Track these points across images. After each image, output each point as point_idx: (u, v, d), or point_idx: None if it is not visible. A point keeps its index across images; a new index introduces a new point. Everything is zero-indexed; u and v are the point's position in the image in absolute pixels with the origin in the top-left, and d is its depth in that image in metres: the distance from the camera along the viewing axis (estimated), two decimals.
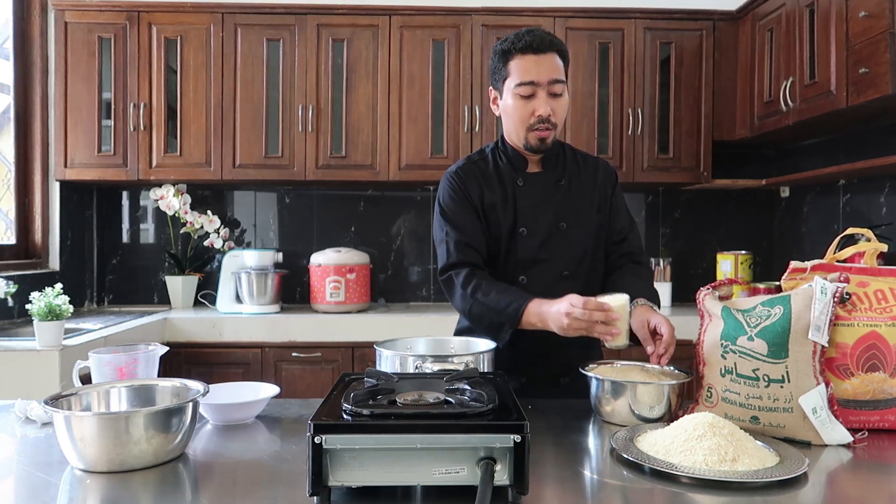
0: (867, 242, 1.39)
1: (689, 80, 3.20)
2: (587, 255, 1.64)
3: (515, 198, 1.63)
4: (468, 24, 3.12)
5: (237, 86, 3.10)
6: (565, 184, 1.65)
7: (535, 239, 1.61)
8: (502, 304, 1.49)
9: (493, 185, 1.64)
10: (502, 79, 1.59)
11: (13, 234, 3.01)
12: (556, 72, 1.54)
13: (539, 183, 1.65)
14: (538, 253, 1.61)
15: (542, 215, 1.62)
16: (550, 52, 1.54)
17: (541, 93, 1.54)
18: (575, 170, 1.68)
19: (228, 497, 0.97)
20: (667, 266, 3.33)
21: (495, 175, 1.65)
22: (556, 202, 1.63)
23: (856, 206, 2.90)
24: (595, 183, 1.68)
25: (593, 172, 1.70)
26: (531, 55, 1.54)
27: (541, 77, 1.53)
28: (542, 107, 1.54)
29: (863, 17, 2.26)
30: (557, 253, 1.61)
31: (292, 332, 2.90)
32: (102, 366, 1.35)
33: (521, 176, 1.65)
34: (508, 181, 1.64)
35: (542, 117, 1.54)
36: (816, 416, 1.18)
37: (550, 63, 1.54)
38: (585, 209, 1.65)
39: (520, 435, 0.88)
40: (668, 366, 1.41)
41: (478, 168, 1.66)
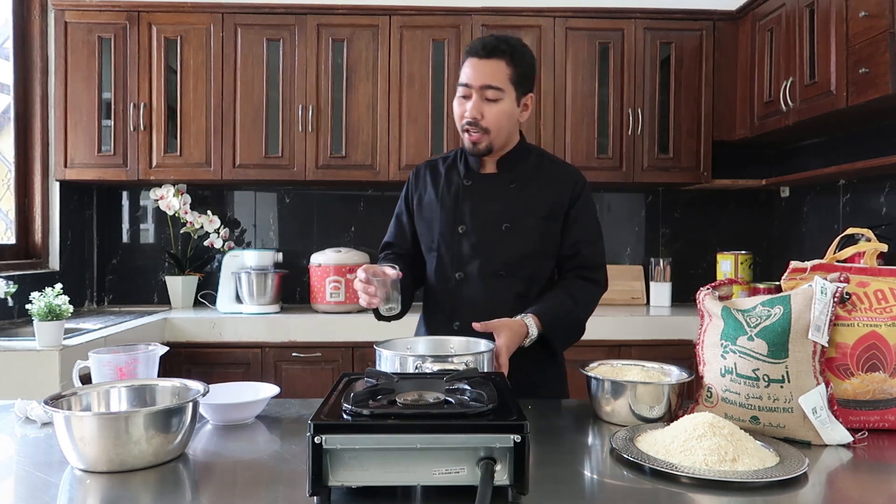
0: (867, 242, 1.39)
1: (689, 80, 3.20)
2: (528, 259, 1.64)
3: (459, 198, 1.68)
4: (468, 24, 3.12)
5: (237, 86, 3.10)
6: (516, 187, 1.67)
7: (473, 237, 1.65)
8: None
9: (439, 185, 1.71)
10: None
11: (13, 234, 3.01)
12: (492, 78, 1.56)
13: (489, 184, 1.68)
14: (474, 251, 1.64)
15: (484, 215, 1.65)
16: (495, 58, 1.56)
17: (474, 95, 1.58)
18: (534, 174, 1.69)
19: (228, 497, 0.97)
20: (667, 266, 3.33)
21: (446, 174, 1.72)
22: (503, 203, 1.65)
23: (856, 206, 2.90)
24: (553, 188, 1.67)
25: (554, 178, 1.69)
26: (474, 59, 1.58)
27: (474, 81, 1.57)
28: (470, 109, 1.58)
29: (863, 17, 2.26)
30: (494, 253, 1.63)
31: (292, 332, 2.90)
32: (102, 366, 1.35)
33: (472, 176, 1.69)
34: (457, 181, 1.70)
35: (468, 119, 1.58)
36: (816, 416, 1.18)
37: (489, 68, 1.56)
38: (535, 212, 1.65)
39: (520, 435, 0.88)
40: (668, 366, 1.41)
41: (430, 168, 1.77)
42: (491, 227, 1.64)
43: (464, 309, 1.63)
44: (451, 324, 1.64)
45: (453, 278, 1.66)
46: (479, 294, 1.63)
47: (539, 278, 1.68)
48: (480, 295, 1.63)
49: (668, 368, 1.41)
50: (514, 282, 1.64)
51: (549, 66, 3.15)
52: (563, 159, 1.85)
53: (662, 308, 3.27)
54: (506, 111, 1.59)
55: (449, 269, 1.67)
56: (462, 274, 1.65)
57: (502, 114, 1.59)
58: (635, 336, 2.93)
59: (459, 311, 1.64)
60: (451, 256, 1.66)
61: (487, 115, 1.58)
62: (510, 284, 1.63)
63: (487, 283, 1.63)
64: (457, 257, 1.66)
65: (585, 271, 1.68)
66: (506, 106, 1.59)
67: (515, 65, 1.58)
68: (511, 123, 1.63)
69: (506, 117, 1.60)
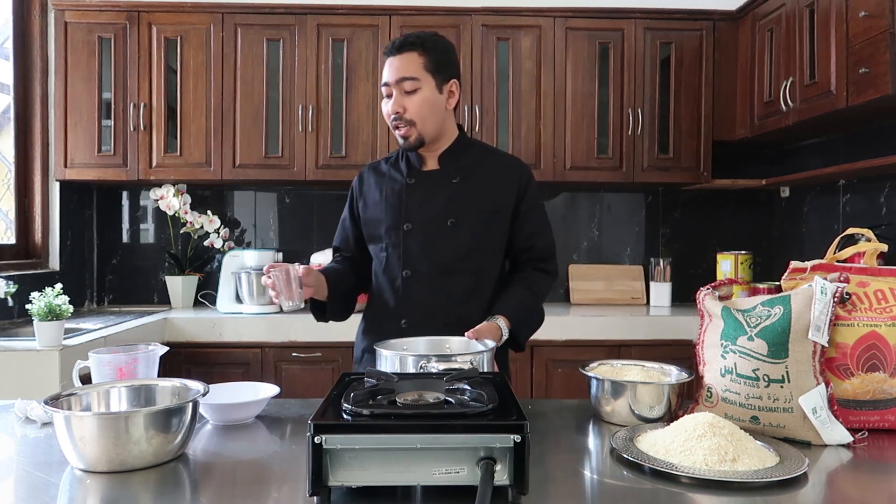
0: (867, 242, 1.39)
1: (689, 80, 3.20)
2: (476, 253, 1.65)
3: (403, 197, 1.68)
4: (468, 24, 3.12)
5: (237, 86, 3.10)
6: (459, 181, 1.67)
7: (420, 234, 1.65)
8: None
9: (382, 184, 1.72)
10: None
11: (13, 234, 3.01)
12: (405, 70, 1.60)
13: (431, 180, 1.68)
14: (422, 248, 1.65)
15: (429, 212, 1.66)
16: (405, 51, 1.61)
17: (394, 92, 1.61)
18: (477, 168, 1.70)
19: (228, 497, 0.97)
20: (667, 266, 3.33)
21: (389, 175, 1.73)
22: (447, 199, 1.66)
23: (856, 206, 2.90)
24: (498, 181, 1.69)
25: (498, 171, 1.70)
26: (389, 58, 1.63)
27: (390, 76, 1.61)
28: (390, 104, 1.61)
29: (863, 17, 2.26)
30: (442, 249, 1.64)
31: (292, 332, 2.90)
32: (102, 366, 1.35)
33: (413, 174, 1.70)
34: (400, 179, 1.71)
35: (391, 114, 1.62)
36: (816, 416, 1.18)
37: (401, 62, 1.60)
38: (480, 206, 1.66)
39: (520, 435, 0.88)
40: (668, 366, 1.41)
41: (374, 170, 1.78)
42: (436, 223, 1.65)
43: (412, 307, 1.64)
44: (399, 321, 1.64)
45: (400, 276, 1.65)
46: (427, 291, 1.63)
47: (488, 273, 1.68)
48: (428, 292, 1.63)
49: (668, 368, 1.41)
50: (462, 277, 1.64)
51: (549, 66, 3.15)
52: (507, 152, 1.86)
53: (662, 308, 3.27)
54: (427, 99, 1.61)
55: (395, 267, 1.66)
56: (409, 272, 1.65)
57: (424, 102, 1.61)
58: (635, 336, 2.93)
59: (407, 309, 1.64)
60: (399, 255, 1.66)
61: (409, 107, 1.61)
62: (458, 280, 1.64)
63: (435, 279, 1.63)
64: (404, 255, 1.66)
65: (541, 263, 1.72)
66: (426, 94, 1.61)
67: (427, 53, 1.61)
68: (437, 112, 1.64)
69: (428, 106, 1.62)
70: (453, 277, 1.64)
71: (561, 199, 3.57)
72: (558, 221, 3.56)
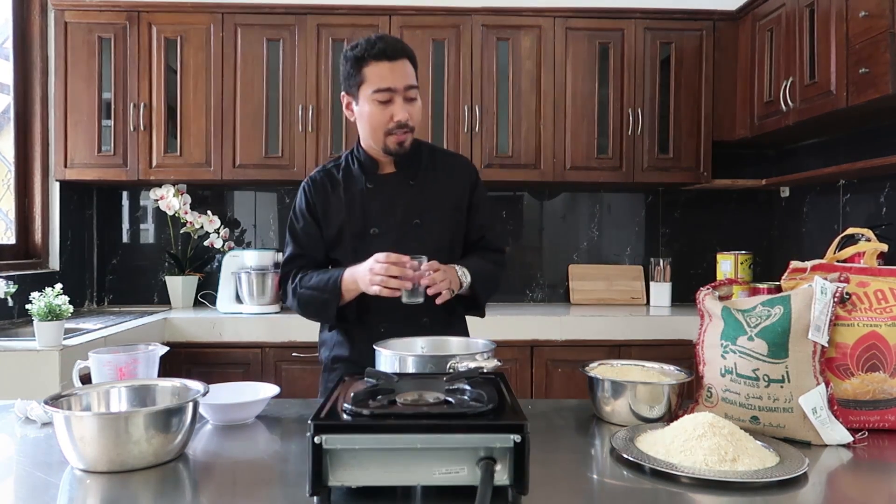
0: (867, 242, 1.39)
1: (689, 80, 3.20)
2: (443, 250, 1.67)
3: (364, 201, 1.68)
4: (468, 24, 3.12)
5: (237, 86, 3.10)
6: (417, 183, 1.69)
7: (388, 237, 1.65)
8: (322, 282, 1.62)
9: (339, 192, 1.70)
10: (357, 84, 1.62)
11: (13, 234, 3.01)
12: (410, 78, 1.60)
13: (390, 184, 1.69)
14: (391, 250, 1.62)
15: (394, 214, 1.67)
16: (402, 58, 1.59)
17: (397, 98, 1.59)
18: (430, 168, 1.72)
19: (228, 497, 0.97)
20: (667, 266, 3.33)
21: (343, 181, 1.71)
22: (408, 200, 1.67)
23: (856, 206, 2.90)
24: (452, 179, 1.73)
25: (450, 170, 1.75)
26: (385, 62, 1.57)
27: (397, 83, 1.58)
28: (399, 112, 1.59)
29: (863, 17, 2.26)
30: (412, 249, 1.62)
31: (292, 332, 2.90)
32: (102, 366, 1.35)
33: (371, 179, 1.69)
34: (357, 185, 1.70)
35: (401, 122, 1.59)
36: (816, 416, 1.18)
37: (403, 69, 1.59)
38: (440, 205, 1.69)
39: (520, 435, 0.88)
40: (668, 366, 1.41)
41: (328, 176, 1.73)
42: (402, 225, 1.66)
43: (389, 311, 1.62)
44: (377, 327, 1.63)
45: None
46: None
47: None
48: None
49: (668, 368, 1.41)
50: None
51: (549, 66, 3.15)
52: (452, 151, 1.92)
53: (662, 308, 3.27)
54: (421, 108, 1.67)
55: None
56: None
57: (420, 109, 1.66)
58: (635, 336, 2.93)
59: (384, 313, 1.64)
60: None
61: (413, 115, 1.62)
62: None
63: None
64: None
65: (491, 254, 1.76)
66: (420, 103, 1.66)
67: (414, 63, 1.63)
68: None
69: (421, 113, 1.67)
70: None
71: (561, 199, 3.57)
72: (558, 221, 3.56)
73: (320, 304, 1.63)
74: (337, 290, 1.60)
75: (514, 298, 3.52)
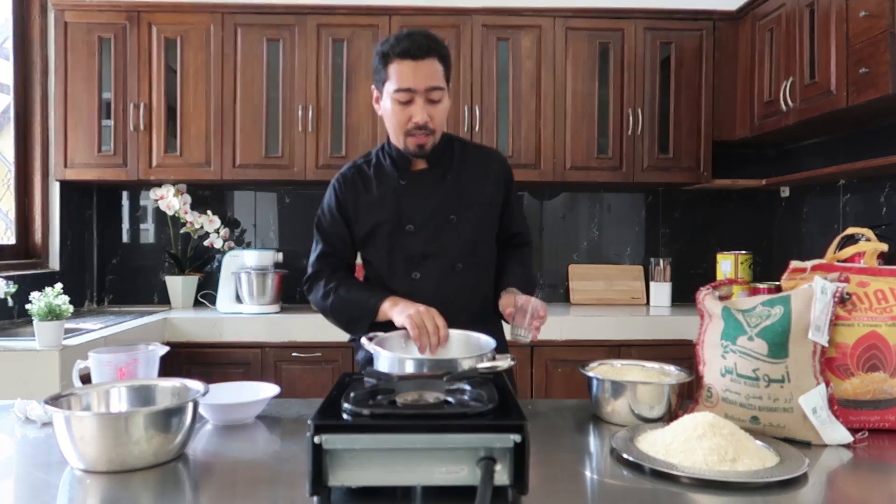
0: (867, 242, 1.39)
1: (689, 80, 3.20)
2: (479, 247, 1.67)
3: (398, 198, 1.65)
4: (468, 24, 3.12)
5: (237, 86, 3.10)
6: (452, 178, 1.67)
7: (424, 234, 1.63)
8: (362, 300, 1.60)
9: (371, 188, 1.67)
10: (382, 81, 1.59)
11: (13, 234, 3.01)
12: (433, 79, 1.54)
13: (424, 180, 1.66)
14: (427, 247, 1.63)
15: (428, 210, 1.64)
16: (429, 57, 1.53)
17: (418, 100, 1.54)
18: (463, 164, 1.69)
19: (228, 497, 0.97)
20: (667, 266, 3.33)
21: (376, 177, 1.68)
22: (444, 196, 1.65)
23: (856, 206, 2.90)
24: (487, 175, 1.70)
25: (485, 165, 1.71)
26: (409, 61, 1.52)
27: (417, 84, 1.53)
28: (418, 113, 1.54)
29: (863, 17, 2.26)
30: (448, 246, 1.63)
31: (292, 332, 2.90)
32: (102, 366, 1.35)
33: (405, 175, 1.66)
34: (390, 181, 1.66)
35: (419, 124, 1.55)
36: (816, 416, 1.18)
37: (428, 69, 1.53)
38: (475, 201, 1.67)
39: (520, 435, 0.88)
40: (668, 366, 1.41)
41: (359, 173, 1.70)
42: (438, 221, 1.63)
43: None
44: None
45: (409, 279, 1.63)
46: (435, 291, 1.60)
47: (488, 265, 1.71)
48: (436, 292, 1.60)
49: (668, 368, 1.41)
50: (467, 272, 1.64)
51: (549, 66, 3.15)
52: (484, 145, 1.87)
53: (662, 308, 3.27)
54: (447, 109, 1.62)
55: (401, 270, 1.64)
56: (418, 273, 1.63)
57: (445, 112, 1.62)
58: (635, 336, 2.93)
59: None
60: (405, 258, 1.63)
61: (435, 117, 1.57)
62: (464, 275, 1.64)
63: (444, 278, 1.62)
64: (410, 258, 1.63)
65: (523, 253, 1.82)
66: (446, 103, 1.61)
67: (445, 61, 1.58)
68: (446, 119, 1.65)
69: (446, 114, 1.63)
70: (458, 274, 1.63)
71: (561, 199, 3.57)
72: (558, 221, 3.56)
73: (353, 318, 1.62)
74: (374, 313, 1.57)
75: None
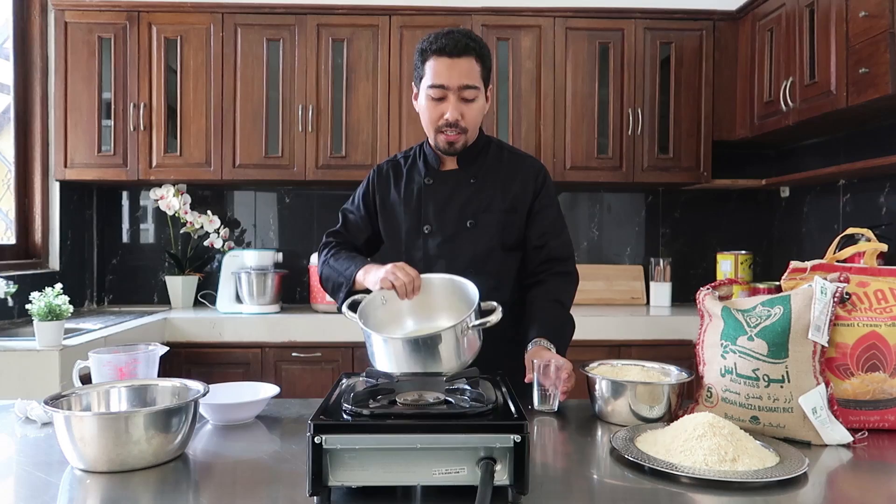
0: (867, 242, 1.39)
1: (689, 80, 3.20)
2: (493, 254, 1.64)
3: (421, 197, 1.65)
4: (468, 24, 3.12)
5: (237, 86, 3.10)
6: (478, 181, 1.66)
7: (440, 236, 1.63)
8: (343, 267, 1.60)
9: (401, 185, 1.69)
10: (419, 77, 1.61)
11: (13, 234, 3.01)
12: (468, 77, 1.54)
13: (450, 181, 1.66)
14: (442, 250, 1.63)
15: (448, 213, 1.64)
16: (466, 56, 1.54)
17: (451, 97, 1.55)
18: (495, 168, 1.68)
19: (228, 497, 0.97)
20: (667, 266, 3.33)
21: (407, 174, 1.69)
22: (465, 200, 1.64)
23: (856, 206, 2.90)
24: (514, 181, 1.67)
25: (515, 171, 1.68)
26: (445, 58, 1.53)
27: (451, 81, 1.54)
28: (450, 111, 1.55)
29: (863, 17, 2.26)
30: (462, 251, 1.62)
31: (292, 332, 2.90)
32: (102, 366, 1.35)
33: (432, 175, 1.67)
34: (418, 180, 1.68)
35: (450, 121, 1.56)
36: (816, 416, 1.18)
37: (463, 67, 1.54)
38: (498, 207, 1.64)
39: (520, 435, 0.88)
40: (668, 366, 1.41)
41: (394, 168, 1.73)
42: (454, 224, 1.63)
43: None
44: None
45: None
46: None
47: (507, 273, 1.67)
48: None
49: (668, 368, 1.41)
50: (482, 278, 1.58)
51: (549, 66, 3.15)
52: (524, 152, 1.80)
53: (662, 308, 3.27)
54: (481, 109, 1.62)
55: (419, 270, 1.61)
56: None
57: (480, 112, 1.61)
58: (635, 336, 2.93)
59: None
60: (420, 258, 1.64)
61: (467, 116, 1.58)
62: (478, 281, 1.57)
63: None
64: (424, 259, 1.64)
65: (557, 265, 1.67)
66: (481, 103, 1.61)
67: (483, 61, 1.58)
68: (481, 121, 1.64)
69: (481, 115, 1.62)
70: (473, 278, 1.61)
71: (561, 199, 3.55)
72: None
73: (336, 286, 1.62)
74: (350, 281, 1.57)
75: None
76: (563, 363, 1.39)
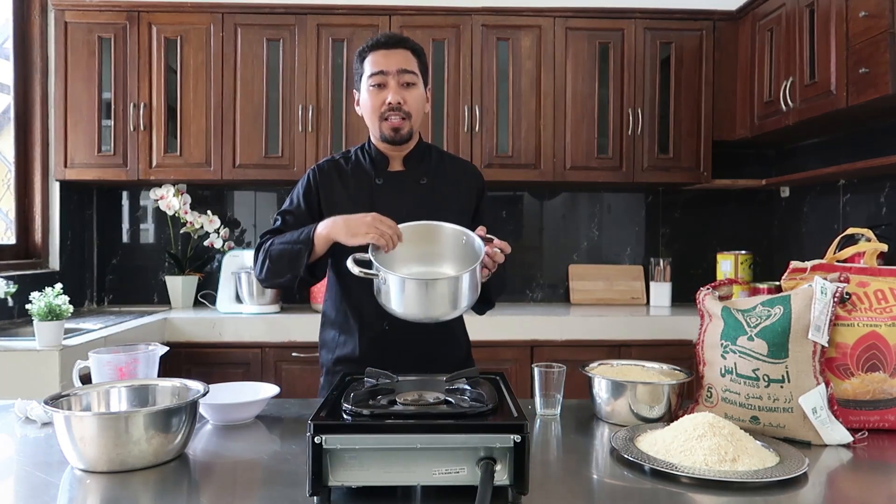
0: (867, 242, 1.39)
1: (689, 80, 3.20)
2: None
3: (373, 196, 1.66)
4: (468, 24, 3.12)
5: (237, 86, 3.10)
6: (428, 182, 1.68)
7: None
8: (295, 235, 1.58)
9: (348, 185, 1.69)
10: (359, 77, 1.65)
11: (13, 234, 3.01)
12: (405, 63, 1.61)
13: (399, 181, 1.68)
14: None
15: (401, 212, 1.61)
16: (400, 48, 1.62)
17: (391, 82, 1.60)
18: (440, 170, 1.72)
19: (228, 497, 0.97)
20: (667, 266, 3.33)
21: (353, 175, 1.70)
22: (420, 199, 1.66)
23: (856, 206, 2.90)
24: (461, 184, 1.72)
25: (459, 174, 1.74)
26: (381, 50, 1.61)
27: (389, 67, 1.59)
28: (391, 94, 1.59)
29: (863, 17, 2.26)
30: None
31: (292, 332, 2.90)
32: (102, 366, 1.35)
33: (382, 175, 1.69)
34: (366, 180, 1.68)
35: (392, 105, 1.59)
36: (816, 416, 1.18)
37: (399, 56, 1.61)
38: (449, 207, 1.66)
39: (520, 435, 0.88)
40: (668, 366, 1.41)
41: (335, 167, 1.72)
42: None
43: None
44: (381, 323, 1.60)
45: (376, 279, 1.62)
46: None
47: None
48: None
49: (668, 368, 1.41)
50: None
51: (549, 66, 3.15)
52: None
53: (662, 308, 3.27)
54: (421, 96, 1.65)
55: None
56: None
57: (420, 98, 1.65)
58: (635, 336, 2.93)
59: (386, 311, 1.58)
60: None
61: (409, 100, 1.61)
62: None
63: None
64: None
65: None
66: (421, 91, 1.65)
67: (418, 56, 1.65)
68: (422, 112, 1.68)
69: (421, 102, 1.66)
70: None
71: (561, 199, 3.57)
72: (558, 221, 3.56)
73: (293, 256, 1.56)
74: (310, 241, 1.53)
75: (513, 298, 3.52)
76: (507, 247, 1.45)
